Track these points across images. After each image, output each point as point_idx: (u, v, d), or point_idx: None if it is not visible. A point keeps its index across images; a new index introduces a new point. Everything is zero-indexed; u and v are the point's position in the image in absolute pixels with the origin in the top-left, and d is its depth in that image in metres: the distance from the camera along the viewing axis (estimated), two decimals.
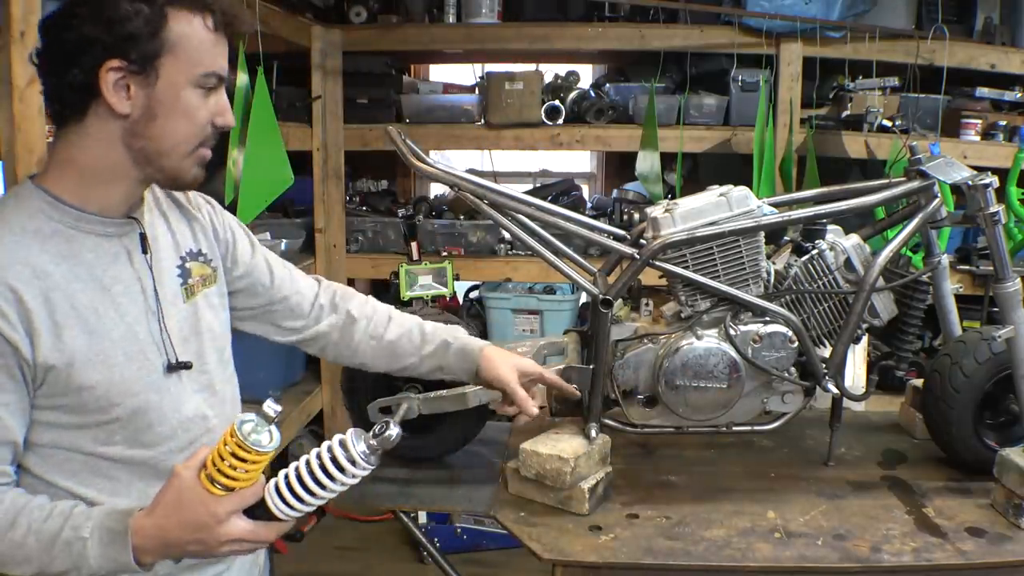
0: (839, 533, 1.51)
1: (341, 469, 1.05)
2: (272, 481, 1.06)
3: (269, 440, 1.02)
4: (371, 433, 1.07)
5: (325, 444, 1.07)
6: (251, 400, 1.37)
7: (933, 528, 1.53)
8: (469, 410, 1.69)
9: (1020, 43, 3.28)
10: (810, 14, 3.14)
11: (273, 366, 3.04)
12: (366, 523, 3.48)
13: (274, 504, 1.05)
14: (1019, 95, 3.30)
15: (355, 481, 1.07)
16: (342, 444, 1.06)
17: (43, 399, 1.07)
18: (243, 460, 1.01)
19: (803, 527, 1.54)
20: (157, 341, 1.16)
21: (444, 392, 1.68)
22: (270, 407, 1.02)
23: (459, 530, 3.32)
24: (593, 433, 1.65)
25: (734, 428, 1.72)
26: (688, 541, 1.49)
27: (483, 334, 3.47)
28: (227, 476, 1.02)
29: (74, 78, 1.05)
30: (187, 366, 1.19)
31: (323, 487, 1.05)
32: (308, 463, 1.06)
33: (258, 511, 1.06)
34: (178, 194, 1.30)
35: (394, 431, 1.06)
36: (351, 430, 1.07)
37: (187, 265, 1.25)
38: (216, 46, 1.11)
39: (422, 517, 3.29)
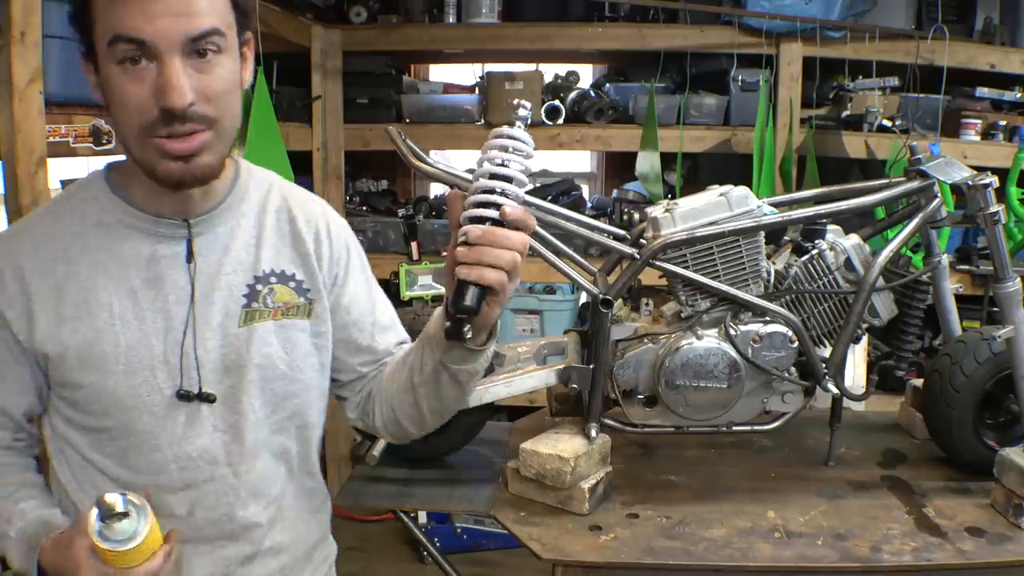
0: (839, 533, 1.51)
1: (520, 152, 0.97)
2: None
3: (126, 536, 0.89)
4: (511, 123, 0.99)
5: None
6: None
7: (933, 528, 1.53)
8: (469, 410, 1.69)
9: (1020, 43, 3.28)
10: (810, 14, 3.14)
11: None
12: (366, 523, 3.48)
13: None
14: (1019, 95, 3.30)
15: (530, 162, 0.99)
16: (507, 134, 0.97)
17: (51, 383, 1.04)
18: (106, 560, 0.91)
19: (803, 527, 1.54)
20: (173, 361, 1.02)
21: None
22: (114, 499, 0.89)
23: (459, 530, 3.32)
24: (593, 433, 1.65)
25: (734, 428, 1.72)
26: (688, 541, 1.49)
27: None
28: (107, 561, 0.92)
29: None
30: (207, 398, 1.04)
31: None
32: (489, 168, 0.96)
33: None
34: (296, 211, 1.13)
35: (525, 110, 1.00)
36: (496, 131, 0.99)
37: (262, 287, 1.08)
38: (122, 4, 0.89)
39: (422, 517, 3.29)
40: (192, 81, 0.92)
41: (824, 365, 1.69)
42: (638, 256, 1.64)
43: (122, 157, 1.04)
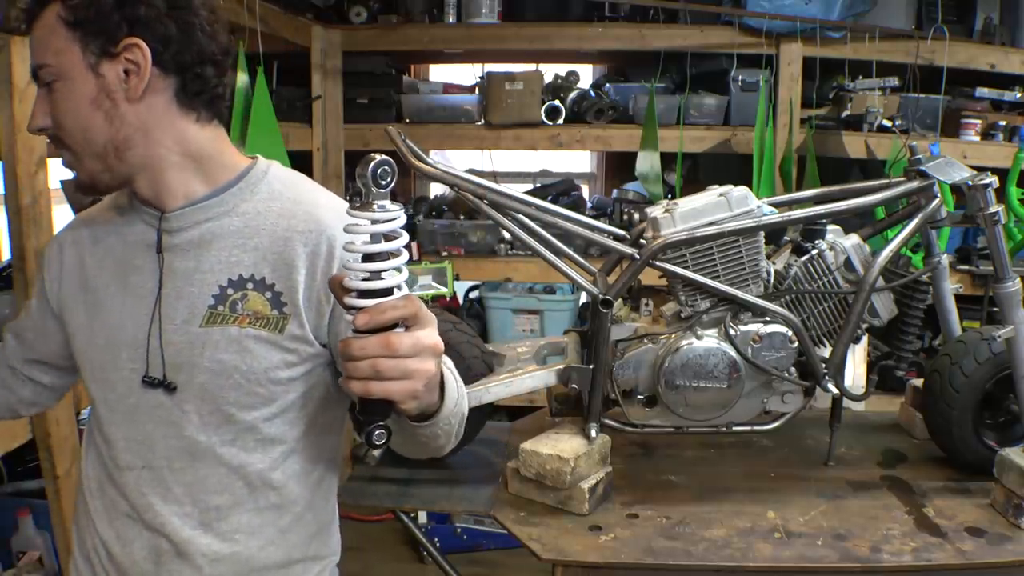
0: (839, 533, 1.51)
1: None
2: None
3: None
4: (362, 195, 0.86)
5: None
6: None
7: (933, 528, 1.53)
8: (469, 410, 1.68)
9: (1020, 43, 3.28)
10: (810, 14, 3.14)
11: None
12: (366, 523, 3.48)
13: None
14: (1019, 95, 3.30)
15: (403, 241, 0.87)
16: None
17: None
18: None
19: (803, 527, 1.54)
20: (138, 347, 1.07)
21: None
22: None
23: (459, 530, 3.32)
24: (593, 433, 1.65)
25: (734, 428, 1.72)
26: (688, 541, 1.49)
27: (483, 334, 3.46)
28: None
29: None
30: (168, 386, 1.05)
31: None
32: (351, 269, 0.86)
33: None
34: (301, 218, 1.07)
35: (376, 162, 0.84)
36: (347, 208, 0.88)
37: (234, 291, 1.05)
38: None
39: (422, 517, 3.29)
40: (45, 107, 1.03)
41: (824, 365, 1.69)
42: (638, 256, 1.64)
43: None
